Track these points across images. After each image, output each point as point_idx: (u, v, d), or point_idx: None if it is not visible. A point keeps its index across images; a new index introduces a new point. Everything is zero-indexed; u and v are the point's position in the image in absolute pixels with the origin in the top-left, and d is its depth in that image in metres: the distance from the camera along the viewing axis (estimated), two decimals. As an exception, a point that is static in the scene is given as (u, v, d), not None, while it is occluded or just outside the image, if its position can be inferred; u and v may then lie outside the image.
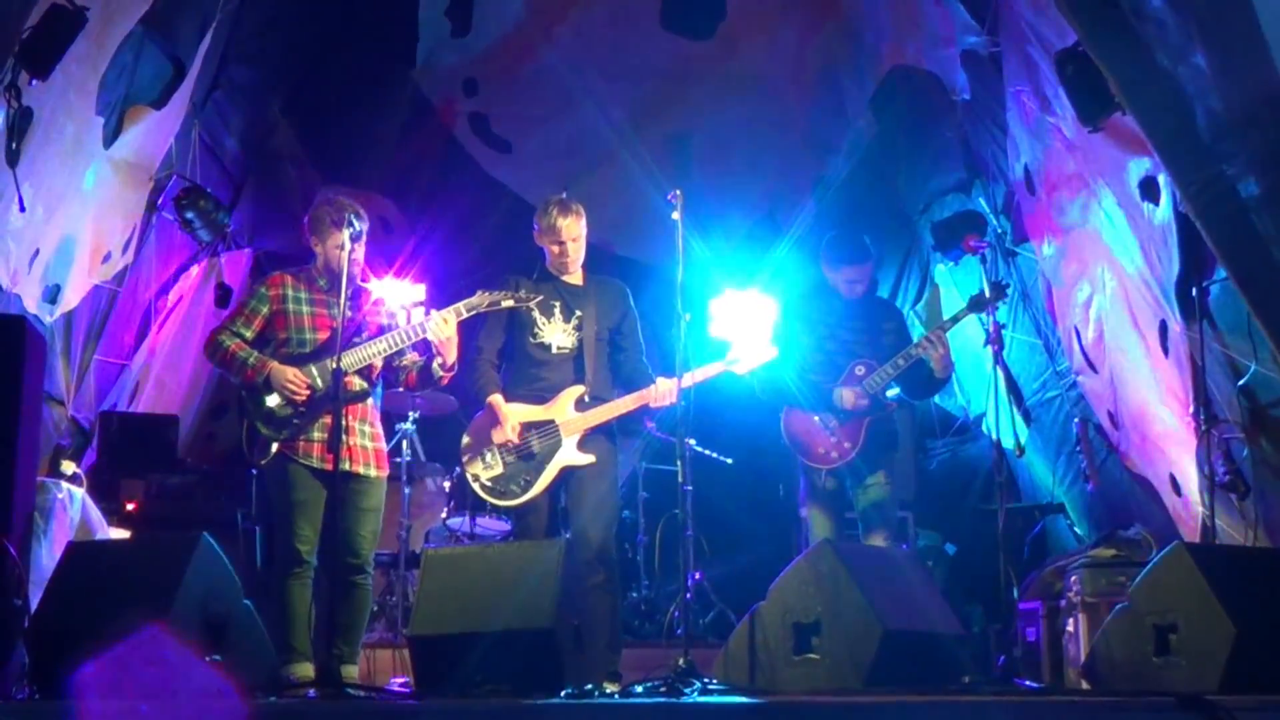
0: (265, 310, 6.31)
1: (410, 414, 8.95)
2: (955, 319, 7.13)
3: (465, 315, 6.28)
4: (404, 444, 8.90)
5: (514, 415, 6.48)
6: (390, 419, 7.40)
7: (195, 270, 9.60)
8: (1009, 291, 7.37)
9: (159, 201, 8.83)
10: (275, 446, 6.15)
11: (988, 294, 7.05)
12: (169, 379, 9.38)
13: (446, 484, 8.98)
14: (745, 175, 10.50)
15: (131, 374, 9.16)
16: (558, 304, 6.58)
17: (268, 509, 6.79)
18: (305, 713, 4.44)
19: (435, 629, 5.49)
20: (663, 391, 6.44)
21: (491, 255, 9.70)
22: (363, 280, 6.39)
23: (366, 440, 6.30)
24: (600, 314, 6.63)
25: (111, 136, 7.83)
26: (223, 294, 9.36)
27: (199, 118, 9.02)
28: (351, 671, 6.07)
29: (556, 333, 6.56)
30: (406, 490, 8.97)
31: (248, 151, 9.84)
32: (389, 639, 8.23)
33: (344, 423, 6.04)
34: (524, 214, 10.36)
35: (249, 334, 6.28)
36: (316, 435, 6.19)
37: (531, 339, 6.56)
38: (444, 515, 8.94)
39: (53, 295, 7.82)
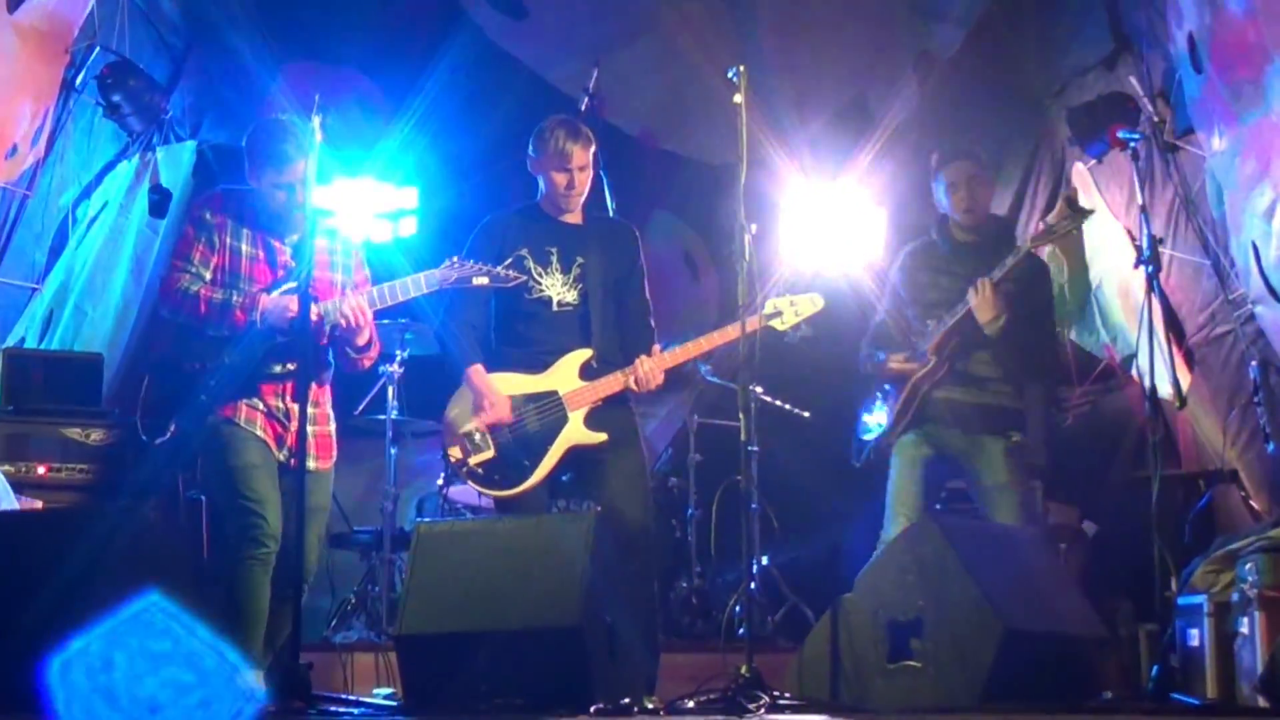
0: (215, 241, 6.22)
1: (396, 353, 8.88)
2: (1017, 257, 7.20)
3: (426, 291, 6.25)
4: (389, 391, 8.87)
5: (503, 387, 6.52)
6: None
7: (124, 168, 9.60)
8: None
9: (78, 81, 8.83)
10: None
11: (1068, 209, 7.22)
12: (91, 308, 9.41)
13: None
14: (828, 47, 10.42)
15: (44, 301, 9.20)
16: (555, 250, 6.64)
17: (208, 480, 6.71)
18: (267, 730, 4.48)
19: (429, 627, 5.51)
20: (645, 373, 6.50)
21: (501, 150, 9.66)
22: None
23: (310, 424, 6.13)
24: (606, 262, 6.69)
25: (17, -1, 7.84)
26: (160, 199, 9.32)
27: (129, -27, 9.03)
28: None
29: (556, 285, 6.60)
30: (393, 451, 8.96)
31: (190, 18, 9.80)
32: (370, 639, 8.27)
33: (284, 405, 6.14)
34: (543, 97, 10.36)
35: (207, 274, 6.19)
36: (260, 404, 6.19)
37: (527, 295, 6.56)
38: (440, 482, 8.94)
39: (-58, 201, 7.86)
